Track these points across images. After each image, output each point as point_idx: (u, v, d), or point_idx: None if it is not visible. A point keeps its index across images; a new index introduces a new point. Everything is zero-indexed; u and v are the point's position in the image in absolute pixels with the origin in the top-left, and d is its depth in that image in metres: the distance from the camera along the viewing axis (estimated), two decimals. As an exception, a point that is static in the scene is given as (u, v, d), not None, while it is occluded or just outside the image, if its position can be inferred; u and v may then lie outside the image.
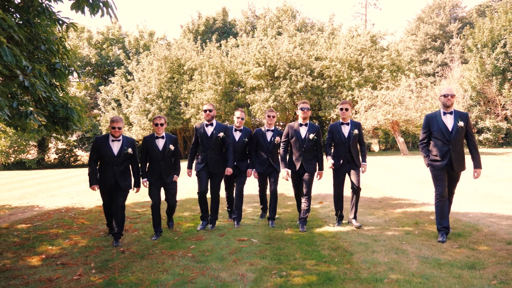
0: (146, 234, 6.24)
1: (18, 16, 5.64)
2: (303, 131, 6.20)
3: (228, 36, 38.62)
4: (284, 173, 6.19)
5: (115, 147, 5.71)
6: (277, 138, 6.56)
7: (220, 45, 33.82)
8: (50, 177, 20.04)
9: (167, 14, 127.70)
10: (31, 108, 5.31)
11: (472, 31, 32.09)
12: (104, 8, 4.97)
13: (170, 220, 6.65)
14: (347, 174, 6.26)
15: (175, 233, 6.19)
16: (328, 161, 6.24)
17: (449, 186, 5.40)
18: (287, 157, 6.34)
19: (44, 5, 5.57)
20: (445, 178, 5.34)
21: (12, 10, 5.44)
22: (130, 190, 5.93)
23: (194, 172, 6.47)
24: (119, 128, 5.72)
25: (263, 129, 6.76)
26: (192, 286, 3.87)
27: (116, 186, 5.74)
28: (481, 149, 28.28)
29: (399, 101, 22.04)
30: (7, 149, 31.60)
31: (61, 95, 6.16)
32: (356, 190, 6.16)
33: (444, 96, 5.35)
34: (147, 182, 6.05)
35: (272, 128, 6.75)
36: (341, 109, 6.28)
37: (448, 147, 5.26)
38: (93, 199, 10.37)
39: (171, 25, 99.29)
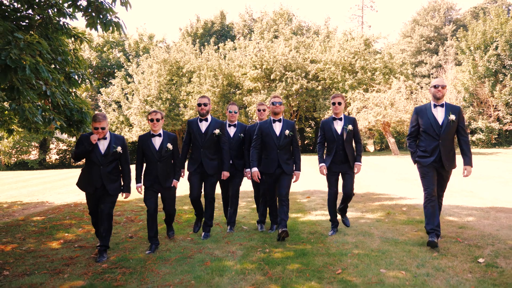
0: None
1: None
2: (277, 127, 5.65)
3: (226, 39, 39.53)
4: (253, 173, 5.67)
5: (102, 145, 5.08)
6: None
7: (218, 48, 34.71)
8: (53, 177, 20.82)
9: (166, 17, 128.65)
10: (47, 114, 6.14)
11: (466, 34, 32.95)
12: (115, 26, 5.79)
13: (170, 229, 5.90)
14: (340, 174, 5.72)
15: (176, 223, 6.99)
16: (320, 167, 5.72)
17: (438, 186, 5.05)
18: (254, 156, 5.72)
19: (61, 23, 6.38)
20: (434, 177, 4.99)
21: (35, 27, 6.24)
22: (119, 196, 5.33)
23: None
24: (103, 129, 5.01)
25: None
26: (191, 260, 4.69)
27: (103, 191, 5.12)
28: (473, 149, 29.11)
29: (390, 103, 22.93)
30: (9, 150, 32.36)
31: (74, 100, 6.96)
32: (348, 195, 5.69)
33: (435, 87, 5.02)
34: (142, 188, 5.43)
35: None
36: (333, 103, 5.67)
37: (437, 142, 4.92)
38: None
39: (170, 28, 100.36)
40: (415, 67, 47.14)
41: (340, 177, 5.77)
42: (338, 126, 5.64)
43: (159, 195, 5.49)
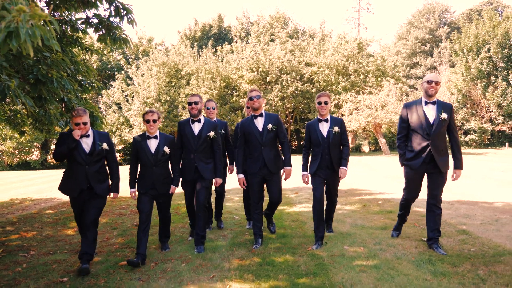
0: (153, 214, 7.91)
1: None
2: (259, 123, 5.20)
3: (223, 41, 40.42)
4: (239, 180, 5.29)
5: (85, 143, 4.64)
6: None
7: (216, 51, 35.63)
8: (56, 176, 21.62)
9: (165, 20, 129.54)
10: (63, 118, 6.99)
11: (459, 36, 33.71)
12: (123, 42, 6.65)
13: (164, 245, 5.27)
14: (325, 180, 5.27)
15: (175, 214, 7.84)
16: (302, 175, 5.34)
17: (433, 190, 4.79)
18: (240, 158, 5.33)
19: (75, 37, 7.24)
20: (419, 184, 4.87)
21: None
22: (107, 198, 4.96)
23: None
24: (85, 124, 4.58)
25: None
26: (188, 241, 5.56)
27: (89, 194, 4.72)
28: (466, 150, 29.96)
29: (381, 105, 23.86)
30: (13, 150, 33.21)
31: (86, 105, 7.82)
32: (332, 202, 5.49)
33: (428, 82, 4.66)
34: (136, 193, 5.01)
35: None
36: (319, 102, 5.17)
37: (427, 142, 4.61)
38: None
39: (169, 30, 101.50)
40: (410, 69, 48.11)
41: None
42: (324, 128, 5.20)
43: (154, 202, 5.10)
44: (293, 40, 33.74)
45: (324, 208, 5.32)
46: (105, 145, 4.74)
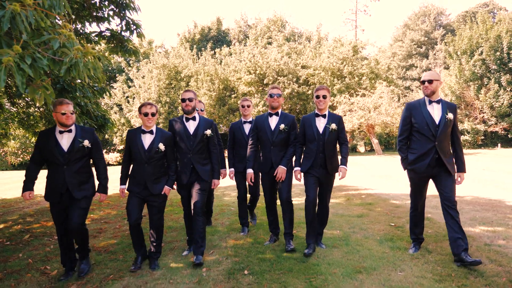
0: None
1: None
2: (273, 121, 5.04)
3: (222, 44, 41.32)
4: (247, 174, 5.14)
5: (65, 140, 4.22)
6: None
7: (215, 53, 36.53)
8: (61, 175, 22.52)
9: (164, 23, 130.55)
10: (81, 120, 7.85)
11: (453, 39, 34.52)
12: (133, 53, 7.51)
13: (153, 263, 4.68)
14: (319, 180, 4.94)
15: (178, 206, 8.68)
16: (294, 171, 5.02)
17: (445, 193, 4.33)
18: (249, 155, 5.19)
19: (88, 48, 8.10)
20: (425, 189, 4.62)
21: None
22: (94, 198, 4.53)
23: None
24: (72, 113, 4.21)
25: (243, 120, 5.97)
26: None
27: (69, 198, 4.31)
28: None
29: (373, 106, 24.78)
30: (16, 150, 34.02)
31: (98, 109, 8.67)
32: (323, 207, 5.05)
33: (422, 83, 4.47)
34: (125, 191, 4.68)
35: (250, 119, 5.96)
36: (317, 96, 4.86)
37: (433, 144, 4.33)
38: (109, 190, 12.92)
39: (169, 33, 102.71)
40: (406, 71, 49.05)
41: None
42: (321, 123, 4.90)
43: (145, 204, 4.71)
44: (290, 43, 34.59)
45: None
46: (86, 142, 4.29)
